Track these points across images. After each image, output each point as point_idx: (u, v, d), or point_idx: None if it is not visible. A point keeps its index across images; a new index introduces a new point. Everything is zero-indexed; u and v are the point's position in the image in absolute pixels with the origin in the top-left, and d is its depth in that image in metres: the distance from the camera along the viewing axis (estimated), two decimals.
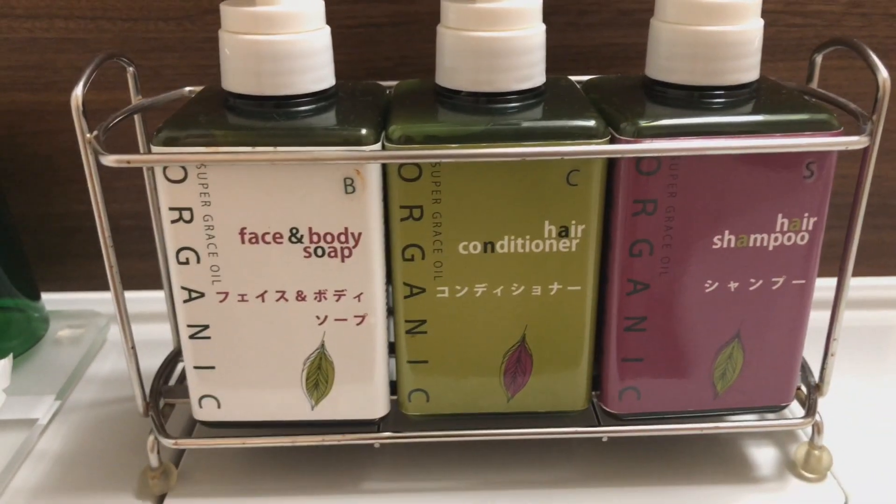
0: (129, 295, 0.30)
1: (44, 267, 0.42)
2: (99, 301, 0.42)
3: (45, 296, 0.41)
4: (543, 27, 0.28)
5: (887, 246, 0.43)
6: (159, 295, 0.35)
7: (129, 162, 0.25)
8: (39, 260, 0.42)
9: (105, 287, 0.28)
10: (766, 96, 0.28)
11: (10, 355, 0.35)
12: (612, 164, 0.26)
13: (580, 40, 0.38)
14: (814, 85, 0.32)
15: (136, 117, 0.31)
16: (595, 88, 0.30)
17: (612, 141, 0.26)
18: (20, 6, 0.37)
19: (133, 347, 0.29)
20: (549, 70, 0.30)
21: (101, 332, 0.41)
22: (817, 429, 0.30)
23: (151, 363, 0.33)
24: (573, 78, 0.32)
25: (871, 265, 0.43)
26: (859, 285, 0.42)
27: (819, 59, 0.31)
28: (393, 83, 0.32)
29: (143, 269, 0.41)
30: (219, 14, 0.27)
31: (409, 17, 0.37)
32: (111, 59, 0.29)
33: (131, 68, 0.31)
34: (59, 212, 0.42)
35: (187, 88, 0.33)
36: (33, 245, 0.42)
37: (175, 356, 0.34)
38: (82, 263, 0.43)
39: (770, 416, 0.33)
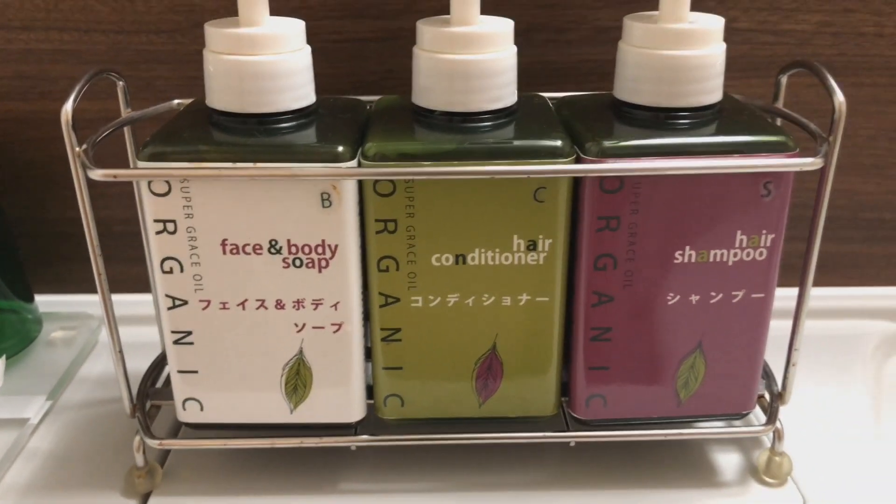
0: (120, 298, 0.31)
1: (38, 270, 0.43)
2: (91, 303, 0.43)
3: (38, 297, 0.42)
4: (514, 49, 0.29)
5: (856, 257, 0.44)
6: (149, 298, 0.36)
7: (115, 176, 0.27)
8: (33, 263, 0.43)
9: (95, 289, 0.29)
10: (728, 117, 0.29)
11: (4, 356, 0.37)
12: (577, 181, 0.28)
13: (559, 56, 0.39)
14: (780, 104, 0.33)
15: (126, 130, 0.33)
16: (566, 106, 0.32)
17: (578, 160, 0.27)
18: (17, 18, 0.38)
19: (120, 352, 0.30)
20: (529, 84, 0.31)
21: (93, 333, 0.42)
22: (778, 436, 0.32)
23: (140, 365, 0.34)
24: (552, 93, 0.34)
25: (840, 276, 0.44)
26: (828, 295, 0.44)
27: (784, 79, 0.33)
28: (377, 98, 0.33)
29: (134, 273, 0.42)
30: (203, 28, 0.28)
31: (393, 34, 0.39)
32: (101, 74, 0.30)
33: (121, 82, 0.32)
34: (52, 217, 0.43)
35: (176, 101, 0.34)
36: (27, 248, 0.43)
37: (162, 359, 0.35)
38: (75, 266, 0.44)
39: (736, 422, 0.34)
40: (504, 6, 0.38)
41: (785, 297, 0.31)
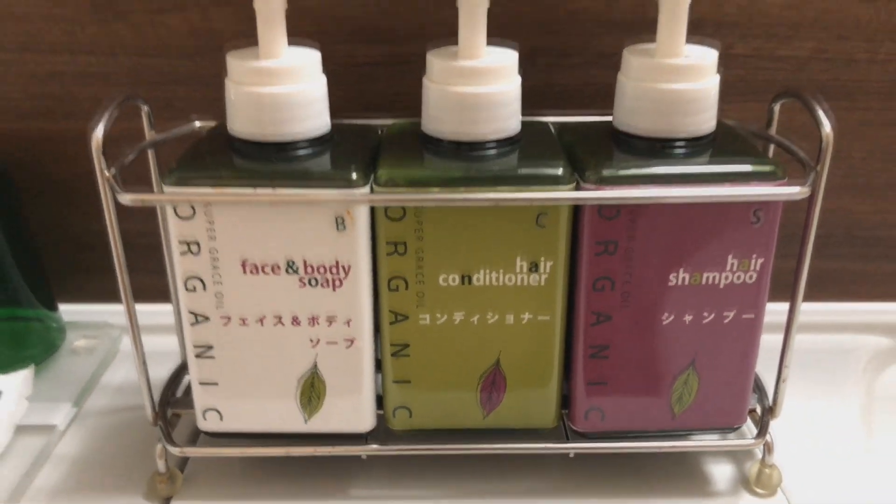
0: (140, 308, 0.32)
1: (60, 280, 0.45)
2: (111, 313, 0.45)
3: (61, 307, 0.44)
4: (518, 80, 0.30)
5: (851, 274, 0.46)
6: (168, 308, 0.38)
7: (143, 201, 0.28)
8: (56, 273, 0.45)
9: (116, 299, 0.31)
10: (721, 146, 0.31)
11: (32, 365, 0.39)
12: (577, 207, 0.29)
13: (563, 79, 0.41)
14: (773, 130, 0.34)
15: (150, 152, 0.34)
16: (568, 132, 0.33)
17: (578, 187, 0.29)
18: (45, 42, 0.40)
19: (144, 363, 0.32)
20: (533, 105, 0.32)
21: (115, 342, 0.44)
22: (768, 448, 0.33)
23: (159, 372, 0.36)
24: (556, 114, 0.35)
25: (835, 291, 0.46)
26: (824, 310, 0.45)
27: (777, 107, 0.34)
28: (387, 121, 0.35)
29: (153, 283, 0.44)
30: (223, 48, 0.30)
31: (402, 58, 0.40)
32: (128, 101, 0.32)
33: (145, 107, 0.34)
34: (75, 230, 0.45)
35: (197, 123, 0.35)
36: (51, 259, 0.45)
37: (182, 369, 0.37)
38: (95, 277, 0.46)
39: (728, 435, 0.35)
40: (510, 31, 0.39)
41: (780, 311, 0.32)
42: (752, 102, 0.42)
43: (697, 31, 0.39)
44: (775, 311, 0.32)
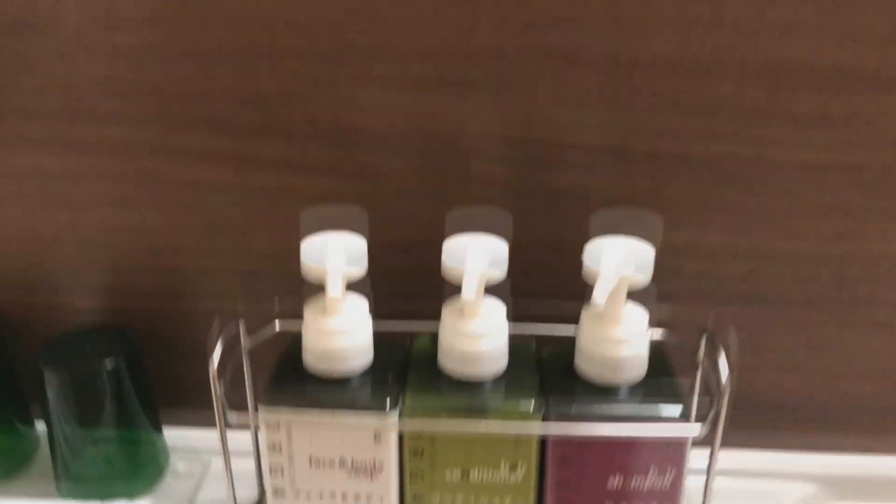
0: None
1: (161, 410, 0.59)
2: (195, 438, 0.58)
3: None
4: (506, 330, 0.43)
5: (780, 434, 0.57)
6: (242, 435, 0.49)
7: (245, 423, 0.42)
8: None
9: (200, 425, 0.43)
10: (650, 389, 0.42)
11: (149, 496, 0.52)
12: None
13: (551, 288, 0.53)
14: (700, 355, 0.46)
15: (245, 360, 0.48)
16: (548, 346, 0.45)
17: (545, 417, 0.41)
18: (168, 250, 0.54)
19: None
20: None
21: (206, 466, 0.57)
22: None
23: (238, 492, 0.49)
24: (539, 324, 0.46)
25: (765, 442, 0.57)
26: (752, 458, 0.56)
27: (703, 340, 0.46)
28: (416, 322, 0.47)
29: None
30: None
31: (428, 270, 0.53)
32: (230, 324, 0.45)
33: (241, 322, 0.47)
34: (178, 373, 0.59)
35: (277, 324, 0.49)
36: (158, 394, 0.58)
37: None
38: (190, 409, 0.59)
39: None
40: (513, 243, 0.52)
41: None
42: (703, 304, 0.53)
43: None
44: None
